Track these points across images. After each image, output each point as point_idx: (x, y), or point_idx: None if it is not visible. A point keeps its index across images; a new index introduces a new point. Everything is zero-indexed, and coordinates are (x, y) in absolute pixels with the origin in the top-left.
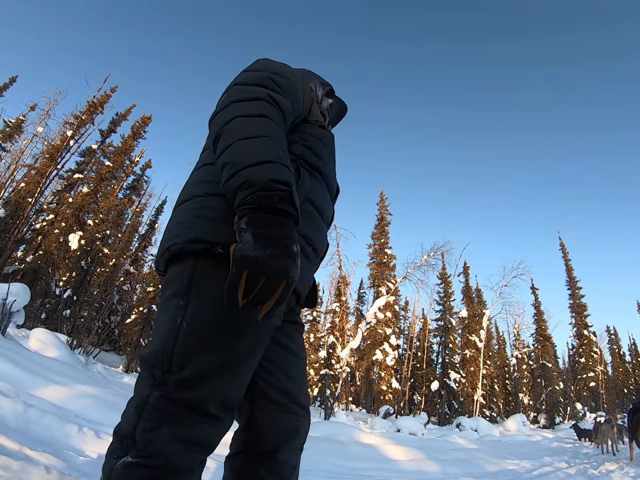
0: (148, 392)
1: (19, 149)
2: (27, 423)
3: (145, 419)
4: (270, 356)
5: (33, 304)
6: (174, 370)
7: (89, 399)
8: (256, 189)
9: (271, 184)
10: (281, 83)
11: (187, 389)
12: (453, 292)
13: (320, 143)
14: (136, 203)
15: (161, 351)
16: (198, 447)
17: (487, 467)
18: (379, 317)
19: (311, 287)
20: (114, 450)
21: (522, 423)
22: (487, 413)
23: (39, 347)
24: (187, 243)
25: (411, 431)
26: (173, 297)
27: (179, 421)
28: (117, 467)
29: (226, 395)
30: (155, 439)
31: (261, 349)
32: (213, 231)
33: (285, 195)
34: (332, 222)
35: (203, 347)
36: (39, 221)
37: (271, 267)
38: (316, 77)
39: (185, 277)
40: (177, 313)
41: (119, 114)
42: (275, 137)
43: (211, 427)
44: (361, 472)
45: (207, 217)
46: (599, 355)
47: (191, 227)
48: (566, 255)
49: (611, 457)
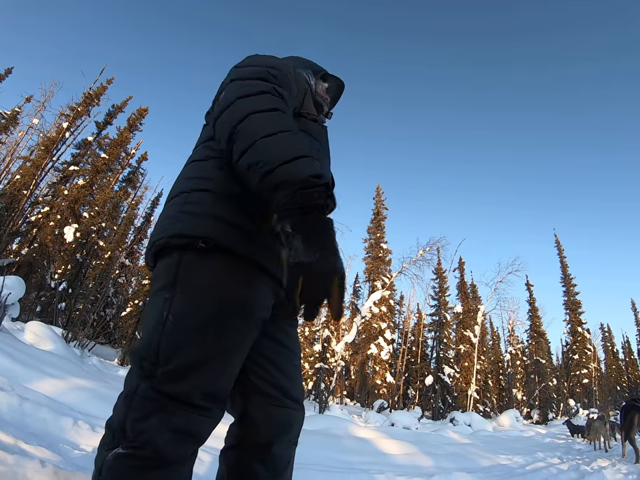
0: (136, 383)
1: (14, 140)
2: (22, 417)
3: (134, 410)
4: (262, 350)
5: (28, 297)
6: (161, 362)
7: (84, 392)
8: (296, 188)
9: (310, 180)
10: (278, 75)
11: (173, 380)
12: (448, 287)
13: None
14: (132, 195)
15: (149, 344)
16: (188, 437)
17: (480, 461)
18: (374, 311)
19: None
20: (106, 442)
21: (515, 418)
22: (481, 408)
23: (34, 340)
24: (170, 237)
25: (405, 425)
26: (160, 291)
27: (167, 412)
28: (108, 458)
29: (212, 386)
30: (144, 429)
31: (248, 342)
32: (195, 226)
33: (323, 190)
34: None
35: (188, 340)
36: (34, 213)
37: (322, 269)
38: (308, 63)
39: (171, 271)
40: (163, 306)
41: (115, 106)
42: (295, 129)
43: (200, 417)
44: (354, 465)
45: (191, 211)
46: (593, 352)
47: (175, 222)
48: (561, 252)
49: (603, 453)
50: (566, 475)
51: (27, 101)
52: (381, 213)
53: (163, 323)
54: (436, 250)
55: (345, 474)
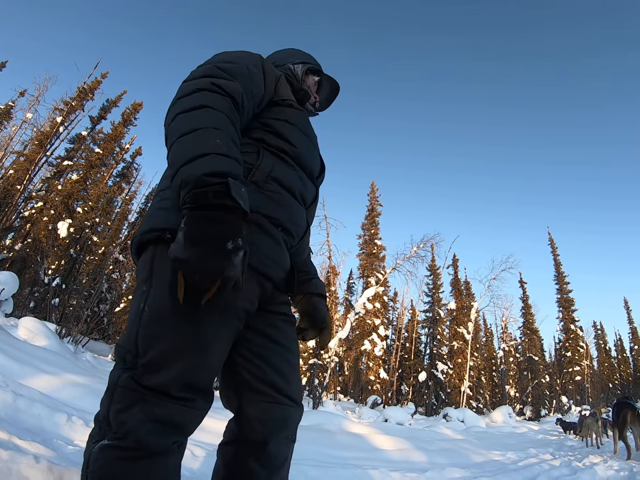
0: (118, 375)
1: (7, 135)
2: (16, 413)
3: (116, 401)
4: (252, 347)
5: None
6: (140, 354)
7: (78, 387)
8: (191, 187)
9: (204, 179)
10: (228, 68)
11: (152, 371)
12: (441, 284)
13: (285, 123)
14: (126, 190)
15: (129, 337)
16: (170, 428)
17: (473, 457)
18: (367, 308)
19: (289, 271)
20: (93, 435)
21: (508, 414)
22: (474, 404)
23: (28, 336)
24: (143, 234)
25: (399, 421)
26: (140, 285)
27: (148, 402)
28: (94, 450)
29: (192, 377)
30: (126, 420)
31: (226, 332)
32: (164, 219)
33: (219, 189)
34: (315, 202)
35: (164, 331)
36: (27, 208)
37: (200, 267)
38: (298, 55)
39: (147, 265)
40: (140, 298)
41: (110, 100)
42: (216, 125)
43: (182, 407)
44: (348, 461)
45: (164, 207)
46: (585, 350)
47: (149, 219)
48: (555, 250)
49: (595, 449)
50: (558, 471)
51: (21, 95)
52: (375, 210)
53: (140, 315)
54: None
55: (338, 469)
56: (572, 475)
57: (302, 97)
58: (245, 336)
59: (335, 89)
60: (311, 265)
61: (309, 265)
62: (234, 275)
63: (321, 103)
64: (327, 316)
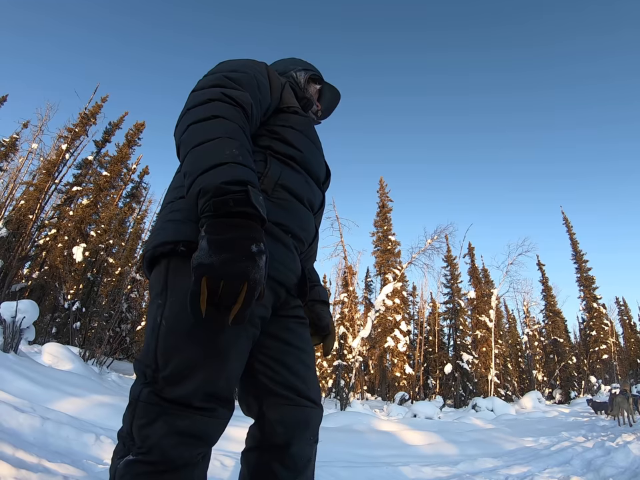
0: (139, 390)
1: (15, 167)
2: (45, 436)
3: (138, 416)
4: (269, 351)
5: (43, 319)
6: (160, 368)
7: (105, 407)
8: (210, 196)
9: (224, 187)
10: (237, 77)
11: (173, 384)
12: (459, 274)
13: (291, 129)
14: (137, 210)
15: (147, 351)
16: (195, 439)
17: (505, 445)
18: (387, 304)
19: (301, 276)
20: (117, 451)
21: (537, 399)
22: (502, 392)
23: (52, 361)
24: (155, 247)
25: (427, 415)
26: (155, 299)
27: (171, 415)
28: (119, 466)
29: (212, 387)
30: (150, 434)
31: (245, 340)
32: (176, 231)
33: (240, 197)
34: (322, 207)
35: (182, 343)
36: (41, 236)
37: (227, 270)
38: (300, 63)
39: (161, 278)
40: (156, 312)
41: (112, 123)
42: (230, 134)
43: (204, 418)
44: (379, 459)
45: (174, 219)
46: (610, 327)
47: (160, 232)
48: (570, 229)
49: (627, 428)
50: (592, 453)
51: (25, 127)
52: (386, 206)
53: (157, 328)
54: (444, 237)
55: (369, 468)
56: (606, 455)
57: (305, 105)
58: (260, 341)
59: (336, 96)
60: (314, 272)
61: (311, 272)
62: (260, 278)
63: (323, 111)
64: (330, 323)
